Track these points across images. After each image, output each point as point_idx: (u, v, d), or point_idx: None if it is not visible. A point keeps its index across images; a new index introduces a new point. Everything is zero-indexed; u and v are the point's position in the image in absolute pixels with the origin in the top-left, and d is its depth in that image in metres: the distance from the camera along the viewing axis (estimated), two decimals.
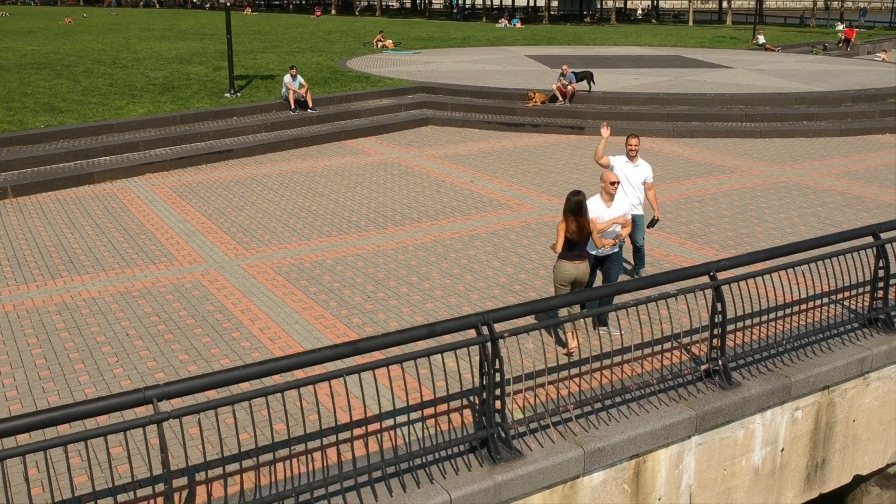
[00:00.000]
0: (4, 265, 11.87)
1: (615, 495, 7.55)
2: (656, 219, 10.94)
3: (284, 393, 5.93)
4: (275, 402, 7.10)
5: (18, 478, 6.36)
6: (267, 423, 6.86)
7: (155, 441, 6.58)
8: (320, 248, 12.61)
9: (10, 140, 17.50)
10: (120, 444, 6.90)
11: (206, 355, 8.89)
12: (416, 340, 6.74)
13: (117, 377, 8.41)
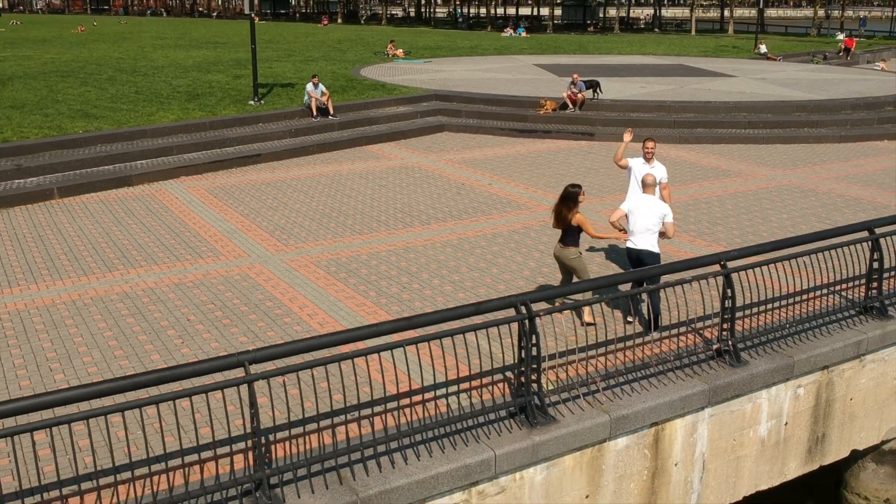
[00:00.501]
0: (63, 259, 12.79)
1: (637, 459, 8.45)
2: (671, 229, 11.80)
3: (341, 364, 6.83)
4: (332, 376, 7.97)
5: (119, 429, 7.26)
6: (325, 393, 7.73)
7: (222, 409, 7.47)
8: (354, 245, 13.53)
9: (51, 144, 18.45)
10: (199, 412, 7.78)
11: (262, 337, 9.80)
12: (465, 317, 7.64)
13: (185, 357, 9.30)
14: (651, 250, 9.83)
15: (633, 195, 10.57)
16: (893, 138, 23.26)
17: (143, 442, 6.70)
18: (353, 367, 7.36)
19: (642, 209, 9.89)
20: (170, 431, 7.19)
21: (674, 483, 8.85)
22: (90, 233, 14.17)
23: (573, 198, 10.00)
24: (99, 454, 6.72)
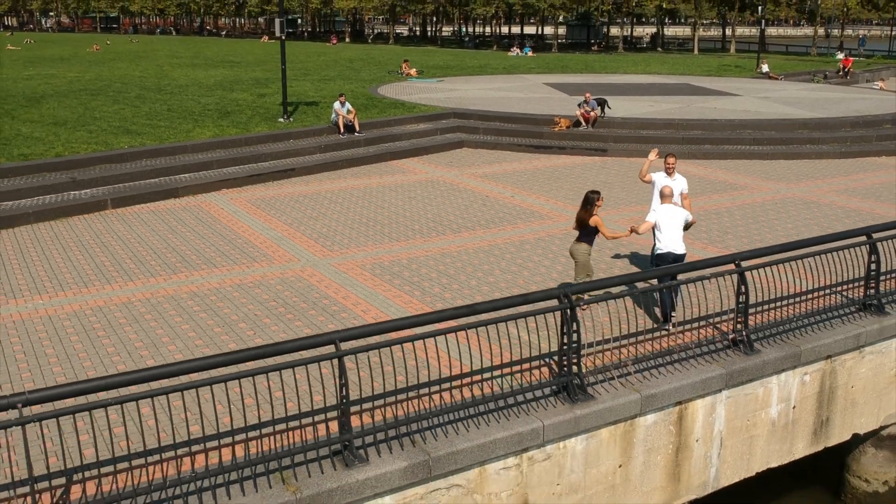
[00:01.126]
0: (129, 263, 13.97)
1: (663, 434, 9.58)
2: (692, 222, 13.00)
3: (405, 346, 7.98)
4: (397, 357, 9.08)
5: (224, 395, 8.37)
6: (392, 372, 8.84)
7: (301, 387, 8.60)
8: (393, 251, 14.70)
9: (100, 159, 19.67)
10: (283, 388, 8.89)
11: (325, 329, 10.95)
12: (515, 306, 8.78)
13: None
14: (682, 252, 11.07)
15: (656, 206, 11.80)
16: (891, 154, 24.47)
17: (254, 408, 7.82)
18: (414, 351, 8.50)
19: (666, 218, 11.09)
20: (265, 401, 8.32)
21: (695, 457, 9.97)
22: (149, 240, 15.35)
23: (592, 202, 11.27)
24: (221, 418, 7.86)
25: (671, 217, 11.14)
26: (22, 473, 6.72)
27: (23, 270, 13.57)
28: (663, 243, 11.10)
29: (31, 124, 24.28)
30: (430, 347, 8.93)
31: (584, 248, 11.36)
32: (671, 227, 11.05)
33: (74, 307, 11.87)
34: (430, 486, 8.07)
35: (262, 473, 7.36)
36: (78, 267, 13.75)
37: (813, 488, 12.73)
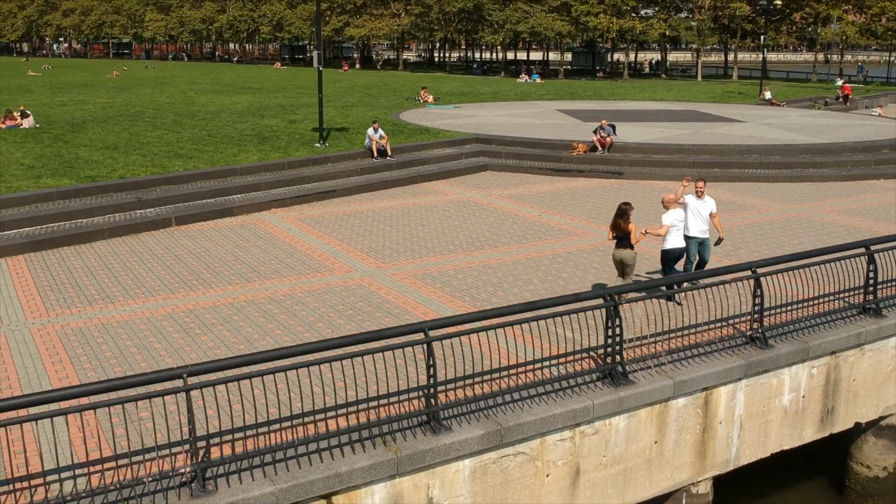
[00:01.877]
0: (204, 273, 15.60)
1: (691, 415, 11.14)
2: (721, 238, 14.64)
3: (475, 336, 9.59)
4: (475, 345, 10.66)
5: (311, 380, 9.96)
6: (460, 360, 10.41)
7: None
8: (439, 263, 16.32)
9: (159, 181, 21.36)
10: (386, 368, 10.49)
11: None
12: (568, 303, 10.40)
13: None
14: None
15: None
16: (889, 178, 26.15)
17: (362, 385, 9.37)
18: (479, 343, 10.10)
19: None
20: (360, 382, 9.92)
21: (718, 437, 11.53)
22: (217, 253, 17.00)
23: (626, 212, 12.97)
24: (338, 393, 9.43)
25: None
26: (184, 434, 8.31)
27: (111, 280, 15.20)
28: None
29: (84, 148, 26.00)
30: (493, 339, 10.52)
31: (633, 253, 13.11)
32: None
33: (167, 310, 13.47)
34: (501, 453, 9.64)
35: (368, 437, 8.95)
36: (160, 276, 15.37)
37: (820, 475, 14.26)
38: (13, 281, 15.14)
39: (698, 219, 14.21)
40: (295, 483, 8.29)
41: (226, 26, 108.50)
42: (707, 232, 14.31)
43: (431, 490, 9.25)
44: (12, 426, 7.54)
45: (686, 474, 11.34)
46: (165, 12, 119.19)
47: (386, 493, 8.95)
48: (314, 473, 8.41)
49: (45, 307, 13.69)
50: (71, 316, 13.25)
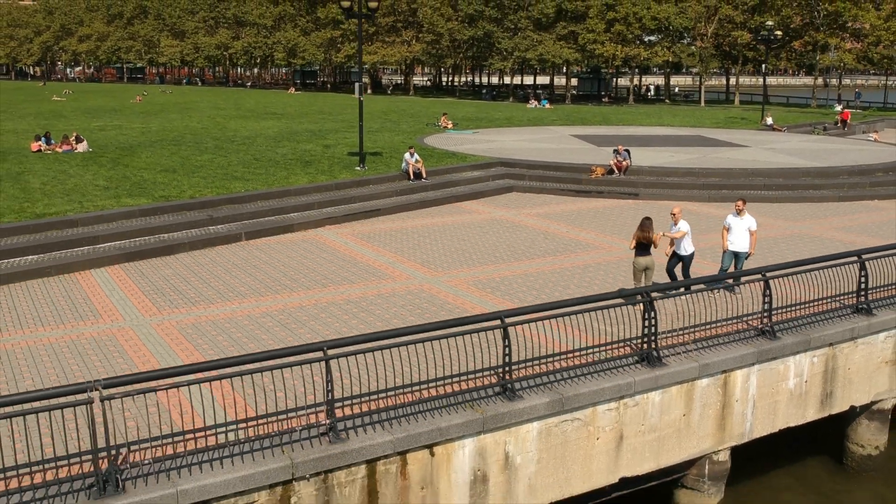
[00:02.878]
0: (284, 280, 17.92)
1: (713, 393, 13.41)
2: (750, 254, 16.86)
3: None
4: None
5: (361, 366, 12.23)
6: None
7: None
8: (486, 272, 18.63)
9: (224, 200, 23.72)
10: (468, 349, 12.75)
11: None
12: (611, 298, 12.72)
13: None
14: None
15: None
16: (883, 198, 28.52)
17: (455, 363, 11.66)
18: (530, 332, 12.38)
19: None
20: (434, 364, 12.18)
21: (735, 413, 13.79)
22: (289, 263, 19.33)
23: (650, 224, 15.31)
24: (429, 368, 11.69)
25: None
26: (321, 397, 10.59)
27: (204, 286, 17.51)
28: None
29: (146, 171, 28.41)
30: (553, 329, 12.78)
31: (652, 258, 15.41)
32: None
33: (262, 310, 15.78)
34: (562, 418, 11.91)
35: (461, 402, 11.23)
36: (246, 283, 17.69)
37: (821, 454, 16.47)
38: (119, 286, 17.45)
39: (737, 235, 16.49)
40: (406, 434, 10.57)
41: (241, 52, 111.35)
42: (745, 247, 16.55)
43: (508, 446, 11.52)
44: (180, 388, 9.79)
45: (709, 443, 13.60)
46: (180, 38, 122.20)
47: (473, 447, 11.22)
48: (420, 427, 10.70)
49: (154, 307, 16.00)
50: (180, 314, 15.56)
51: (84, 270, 18.39)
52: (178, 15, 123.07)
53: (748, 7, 75.64)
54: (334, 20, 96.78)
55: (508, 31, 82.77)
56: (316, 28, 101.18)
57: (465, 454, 11.16)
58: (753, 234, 16.80)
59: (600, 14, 77.06)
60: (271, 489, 9.82)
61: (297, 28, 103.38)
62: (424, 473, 10.87)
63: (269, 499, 9.82)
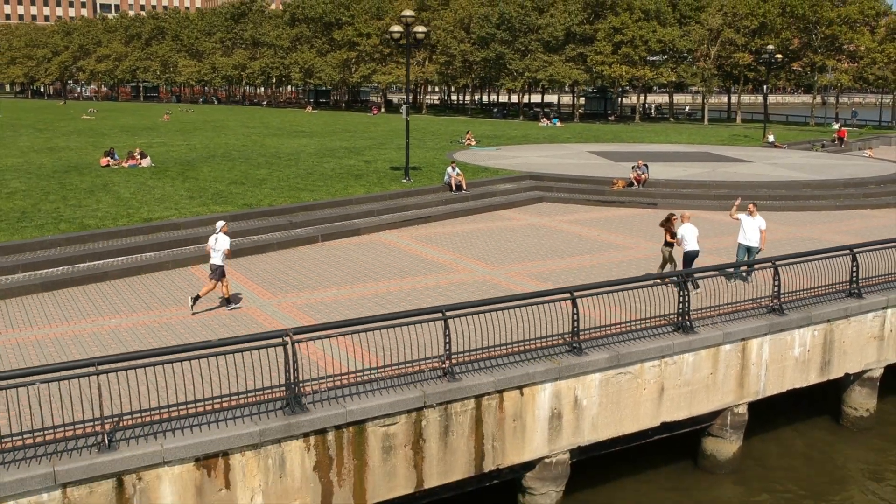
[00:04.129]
0: (368, 272, 21.21)
1: (734, 357, 16.68)
2: (760, 249, 20.15)
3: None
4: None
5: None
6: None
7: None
8: (536, 266, 21.93)
9: (298, 208, 27.04)
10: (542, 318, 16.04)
11: None
12: (653, 279, 16.04)
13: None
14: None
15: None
16: (874, 207, 31.88)
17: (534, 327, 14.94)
18: (591, 304, 15.67)
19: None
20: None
21: (752, 374, 17.06)
22: (366, 260, 22.64)
23: (670, 220, 18.74)
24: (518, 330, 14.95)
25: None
26: (441, 349, 13.88)
27: (301, 276, 20.81)
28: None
29: (217, 183, 31.77)
30: (608, 303, 16.05)
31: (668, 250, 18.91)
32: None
33: (360, 294, 19.06)
34: (617, 371, 15.19)
35: (542, 357, 14.52)
36: (337, 274, 21.01)
37: (822, 415, 19.70)
38: (231, 278, 20.73)
39: (750, 232, 19.84)
40: (504, 377, 13.86)
41: (258, 72, 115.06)
42: (756, 242, 19.89)
43: (577, 391, 14.80)
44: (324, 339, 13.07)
45: (731, 398, 16.87)
46: (198, 59, 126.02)
47: (551, 390, 14.49)
48: (513, 372, 13.98)
49: (269, 293, 19.31)
50: (292, 297, 18.87)
51: (196, 265, 21.69)
52: (196, 36, 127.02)
53: (749, 30, 79.28)
54: (350, 42, 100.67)
55: (519, 53, 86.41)
56: (332, 49, 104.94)
57: (546, 395, 14.44)
58: (763, 232, 20.12)
59: (608, 37, 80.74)
60: (408, 413, 13.09)
61: (314, 49, 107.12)
62: (516, 409, 14.16)
63: (407, 420, 13.10)
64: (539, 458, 14.62)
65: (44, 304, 18.31)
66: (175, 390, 11.97)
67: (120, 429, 11.32)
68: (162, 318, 17.27)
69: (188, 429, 11.54)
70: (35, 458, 10.69)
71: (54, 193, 28.96)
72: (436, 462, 13.47)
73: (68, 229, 22.64)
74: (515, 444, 14.27)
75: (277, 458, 12.06)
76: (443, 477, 13.63)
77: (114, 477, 10.96)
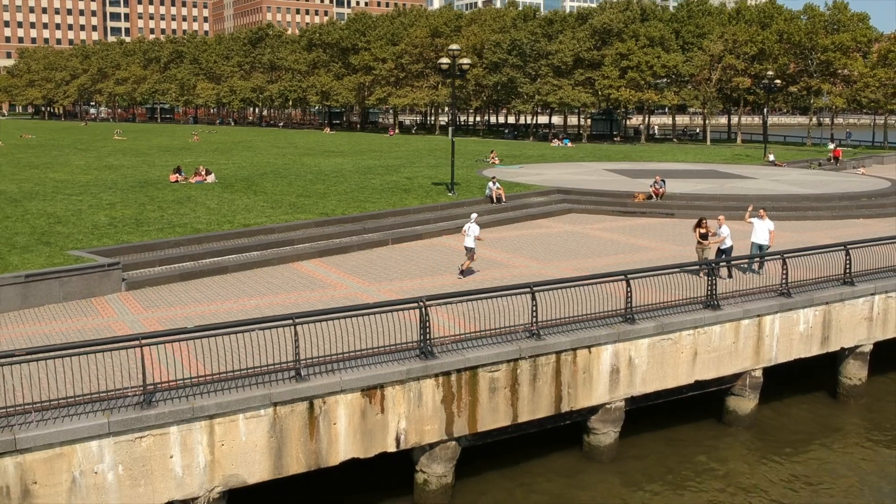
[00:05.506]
0: (440, 267, 25.28)
1: (752, 330, 20.77)
2: (769, 246, 24.30)
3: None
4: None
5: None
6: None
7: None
8: (581, 263, 26.01)
9: (367, 217, 31.15)
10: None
11: None
12: (689, 266, 20.18)
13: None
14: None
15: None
16: (866, 217, 36.10)
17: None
18: (641, 285, 19.78)
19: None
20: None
21: (766, 345, 21.15)
22: (434, 258, 26.70)
23: (701, 223, 22.94)
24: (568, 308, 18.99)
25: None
26: (528, 317, 17.99)
27: (388, 271, 24.87)
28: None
29: (286, 196, 35.89)
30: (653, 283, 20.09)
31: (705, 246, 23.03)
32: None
33: (440, 283, 23.11)
34: (661, 338, 19.28)
35: (602, 323, 18.63)
36: (416, 269, 25.07)
37: (821, 386, 23.76)
38: (329, 271, 24.84)
39: (761, 233, 24.02)
40: (577, 338, 17.96)
41: (276, 94, 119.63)
42: (766, 240, 24.05)
43: (631, 352, 18.89)
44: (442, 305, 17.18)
45: (749, 363, 20.94)
46: (216, 82, 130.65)
47: (612, 350, 18.57)
48: (584, 335, 18.09)
49: (366, 282, 23.40)
50: (387, 285, 22.95)
51: (295, 262, 25.81)
52: (214, 60, 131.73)
53: (748, 56, 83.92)
54: (366, 66, 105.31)
55: (529, 77, 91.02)
56: (348, 73, 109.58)
57: (608, 354, 18.53)
58: (772, 232, 24.31)
59: (615, 62, 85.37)
60: (507, 363, 17.17)
61: (331, 73, 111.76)
62: (585, 363, 18.23)
63: (507, 368, 17.16)
64: (602, 404, 18.68)
65: (184, 290, 22.39)
66: (347, 338, 16.06)
67: (308, 365, 15.38)
68: (288, 300, 21.36)
69: (357, 367, 15.62)
70: (256, 384, 14.75)
71: (149, 204, 33.08)
72: (526, 402, 17.55)
73: (183, 232, 26.73)
74: (585, 391, 18.35)
75: (416, 391, 16.13)
76: (531, 414, 17.69)
77: (307, 400, 15.01)
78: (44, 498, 13.03)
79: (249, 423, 14.48)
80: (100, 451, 13.29)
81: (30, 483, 12.92)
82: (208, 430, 14.12)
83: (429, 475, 16.69)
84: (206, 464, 14.20)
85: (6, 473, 12.71)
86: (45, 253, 23.06)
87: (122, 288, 21.94)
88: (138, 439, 13.57)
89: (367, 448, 15.79)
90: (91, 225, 27.76)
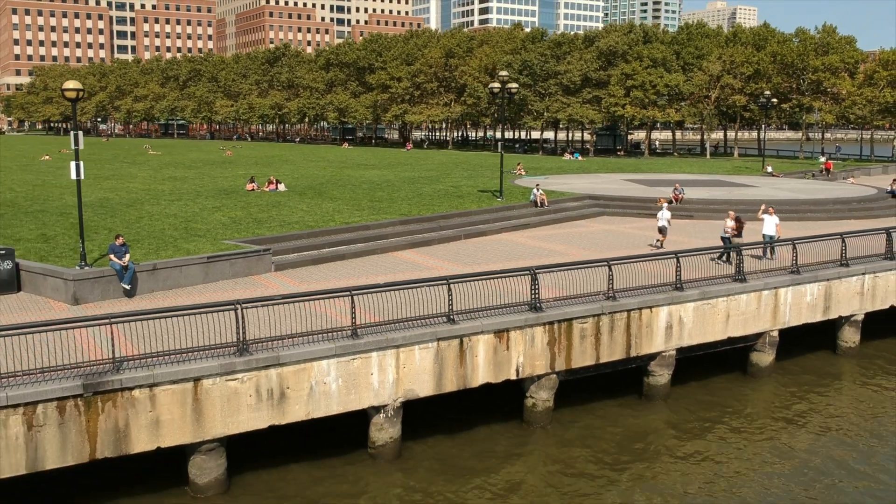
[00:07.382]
0: (515, 256, 31.06)
1: (770, 298, 26.58)
2: (779, 237, 30.20)
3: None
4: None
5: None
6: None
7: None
8: (630, 252, 31.84)
9: (438, 217, 36.85)
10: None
11: None
12: (717, 249, 26.08)
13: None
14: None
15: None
16: (857, 219, 42.16)
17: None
18: (684, 262, 25.63)
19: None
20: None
21: (780, 311, 27.00)
22: (505, 250, 32.48)
23: (738, 219, 28.92)
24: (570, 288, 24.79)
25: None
26: (590, 288, 23.83)
27: (470, 257, 30.62)
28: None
29: (361, 201, 41.60)
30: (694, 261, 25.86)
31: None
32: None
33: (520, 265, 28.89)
34: (703, 303, 25.05)
35: (662, 291, 24.48)
36: (492, 257, 30.84)
37: (824, 347, 29.60)
38: (422, 259, 30.59)
39: (769, 226, 29.96)
40: (642, 300, 23.78)
41: (294, 111, 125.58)
42: (774, 232, 30.00)
43: (681, 312, 24.69)
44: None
45: (768, 325, 26.77)
46: (234, 99, 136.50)
47: (667, 310, 24.37)
48: (647, 298, 23.91)
49: (459, 265, 29.15)
50: (478, 267, 28.69)
51: (392, 252, 31.57)
52: (232, 78, 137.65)
53: (744, 76, 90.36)
54: (382, 85, 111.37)
55: (539, 95, 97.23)
56: (364, 91, 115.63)
57: (664, 313, 24.34)
58: (778, 226, 30.30)
59: (620, 82, 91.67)
60: (593, 317, 22.95)
61: (348, 91, 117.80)
62: (648, 320, 24.03)
63: (592, 321, 22.93)
64: (659, 352, 24.45)
65: (319, 271, 28.10)
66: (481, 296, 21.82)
67: (458, 312, 21.13)
68: (406, 276, 27.10)
69: (491, 316, 21.40)
70: (422, 325, 20.50)
71: (250, 208, 38.73)
72: (606, 347, 23.33)
73: (299, 228, 32.45)
74: (647, 341, 24.13)
75: (531, 335, 21.90)
76: (609, 356, 23.45)
77: (458, 338, 20.77)
78: (293, 400, 18.72)
79: (422, 352, 20.22)
80: (328, 367, 19.00)
81: (285, 388, 18.62)
82: (395, 356, 19.85)
83: (536, 400, 22.42)
84: (393, 380, 19.92)
85: (271, 380, 18.41)
86: (203, 242, 28.74)
87: (272, 269, 27.67)
88: (351, 360, 19.29)
89: (497, 375, 21.55)
90: (218, 223, 33.43)
